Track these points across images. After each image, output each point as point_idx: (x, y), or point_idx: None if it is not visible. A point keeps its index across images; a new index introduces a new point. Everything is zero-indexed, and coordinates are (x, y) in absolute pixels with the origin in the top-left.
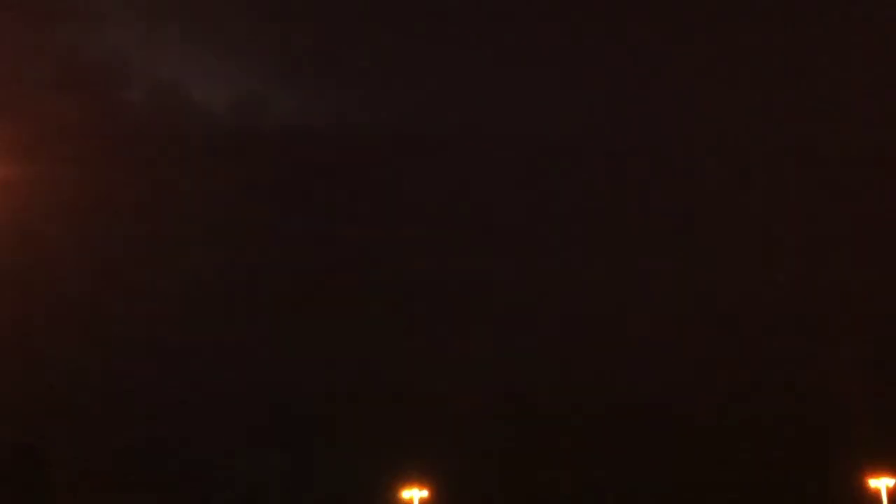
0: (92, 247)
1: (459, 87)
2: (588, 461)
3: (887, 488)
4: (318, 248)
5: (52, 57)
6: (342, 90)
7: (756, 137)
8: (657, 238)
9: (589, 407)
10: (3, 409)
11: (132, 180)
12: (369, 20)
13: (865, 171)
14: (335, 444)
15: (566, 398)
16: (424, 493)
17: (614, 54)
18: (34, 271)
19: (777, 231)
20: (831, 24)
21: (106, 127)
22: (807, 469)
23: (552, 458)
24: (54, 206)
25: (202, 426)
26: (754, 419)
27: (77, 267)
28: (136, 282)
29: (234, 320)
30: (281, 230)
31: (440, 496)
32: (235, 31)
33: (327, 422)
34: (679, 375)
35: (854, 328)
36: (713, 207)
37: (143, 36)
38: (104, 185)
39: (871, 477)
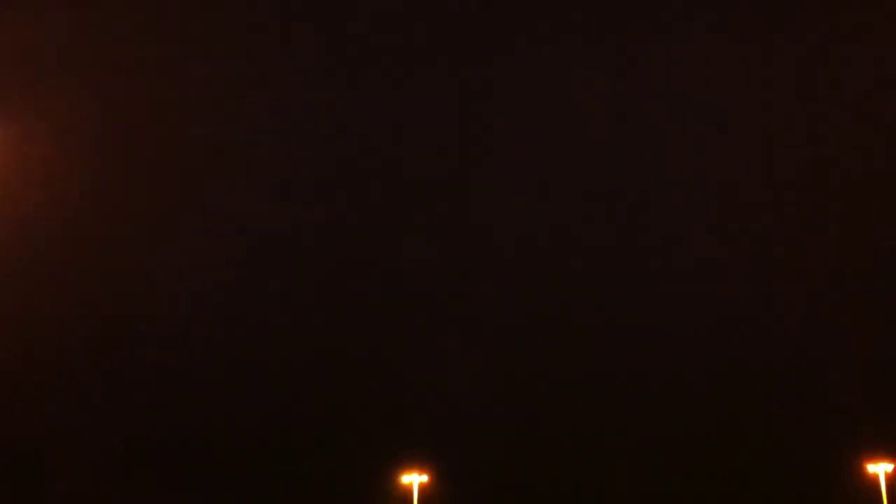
0: (90, 234)
1: None
2: (588, 446)
3: (886, 474)
4: (318, 240)
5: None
6: None
7: (758, 139)
8: (657, 236)
9: (589, 392)
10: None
11: (134, 160)
12: None
13: (866, 170)
14: (335, 429)
15: (566, 383)
16: (424, 479)
17: None
18: (32, 260)
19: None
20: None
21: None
22: (805, 454)
23: (552, 443)
24: (50, 193)
25: (202, 414)
26: (752, 405)
27: (75, 254)
28: (135, 269)
29: (234, 308)
30: (286, 223)
31: (440, 481)
32: None
33: (327, 407)
34: (677, 361)
35: (853, 315)
36: (713, 208)
37: None
38: (106, 167)
39: (870, 462)
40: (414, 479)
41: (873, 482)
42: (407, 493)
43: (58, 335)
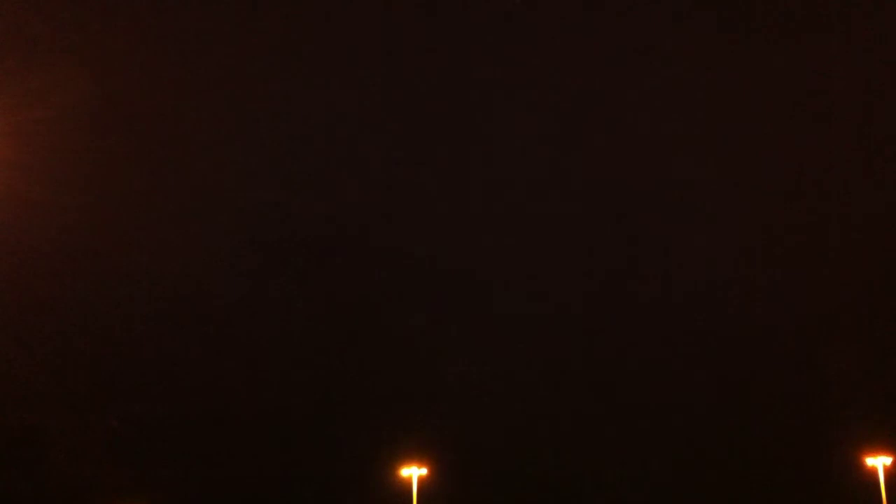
0: (88, 227)
1: None
2: (588, 440)
3: (884, 466)
4: (320, 233)
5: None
6: None
7: (758, 141)
8: (659, 235)
9: (589, 385)
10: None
11: (137, 152)
12: None
13: (866, 170)
14: (335, 421)
15: (567, 376)
16: (423, 472)
17: None
18: (33, 250)
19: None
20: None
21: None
22: (804, 447)
23: (552, 436)
24: (51, 184)
25: (201, 406)
26: (751, 398)
27: (76, 245)
28: (137, 260)
29: (234, 300)
30: (289, 216)
31: (439, 474)
32: None
33: (327, 400)
34: (677, 353)
35: (853, 310)
36: (713, 209)
37: None
38: (109, 159)
39: (869, 455)
40: (413, 472)
41: (872, 475)
42: (406, 485)
43: (58, 326)
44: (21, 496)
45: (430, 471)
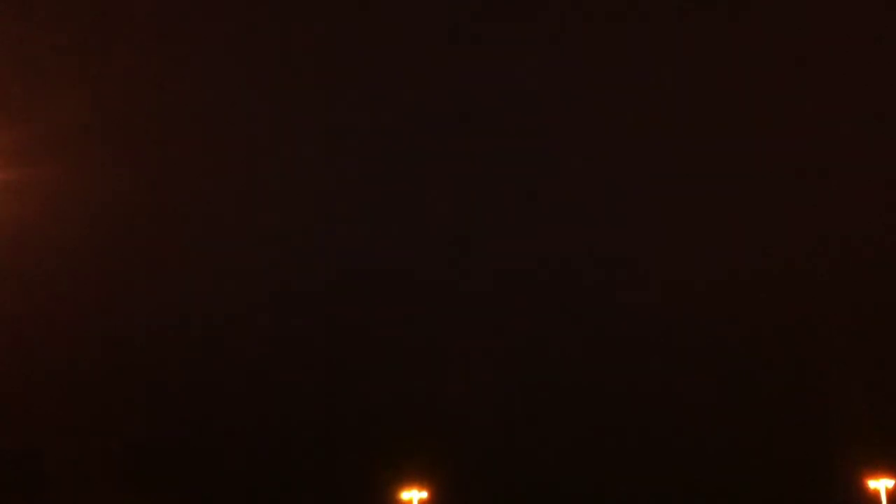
0: (94, 249)
1: None
2: (590, 464)
3: (887, 489)
4: (317, 248)
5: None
6: None
7: (752, 137)
8: (658, 241)
9: (590, 410)
10: (2, 411)
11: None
12: None
13: (866, 172)
14: (334, 444)
15: (567, 400)
16: (424, 495)
17: None
18: (34, 271)
19: (777, 230)
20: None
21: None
22: (806, 469)
23: (553, 460)
24: (55, 208)
25: (202, 426)
26: (753, 419)
27: (79, 269)
28: (137, 285)
29: (235, 319)
30: (284, 232)
31: (439, 497)
32: None
33: (327, 422)
34: (678, 374)
35: (854, 328)
36: (714, 210)
37: None
38: (107, 186)
39: (871, 478)
40: (413, 496)
41: (874, 498)
42: None
43: (59, 347)
44: None
45: (431, 494)
